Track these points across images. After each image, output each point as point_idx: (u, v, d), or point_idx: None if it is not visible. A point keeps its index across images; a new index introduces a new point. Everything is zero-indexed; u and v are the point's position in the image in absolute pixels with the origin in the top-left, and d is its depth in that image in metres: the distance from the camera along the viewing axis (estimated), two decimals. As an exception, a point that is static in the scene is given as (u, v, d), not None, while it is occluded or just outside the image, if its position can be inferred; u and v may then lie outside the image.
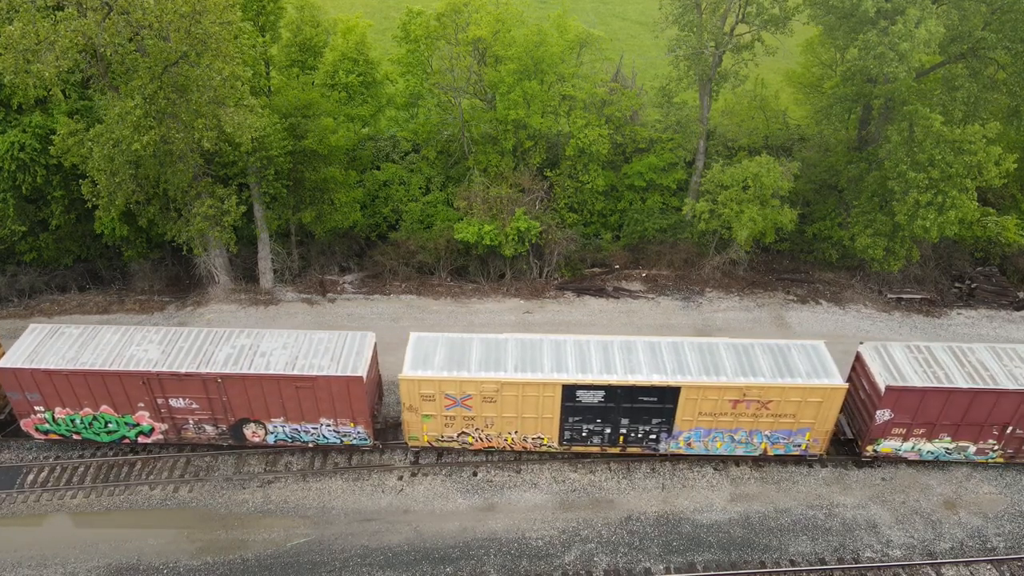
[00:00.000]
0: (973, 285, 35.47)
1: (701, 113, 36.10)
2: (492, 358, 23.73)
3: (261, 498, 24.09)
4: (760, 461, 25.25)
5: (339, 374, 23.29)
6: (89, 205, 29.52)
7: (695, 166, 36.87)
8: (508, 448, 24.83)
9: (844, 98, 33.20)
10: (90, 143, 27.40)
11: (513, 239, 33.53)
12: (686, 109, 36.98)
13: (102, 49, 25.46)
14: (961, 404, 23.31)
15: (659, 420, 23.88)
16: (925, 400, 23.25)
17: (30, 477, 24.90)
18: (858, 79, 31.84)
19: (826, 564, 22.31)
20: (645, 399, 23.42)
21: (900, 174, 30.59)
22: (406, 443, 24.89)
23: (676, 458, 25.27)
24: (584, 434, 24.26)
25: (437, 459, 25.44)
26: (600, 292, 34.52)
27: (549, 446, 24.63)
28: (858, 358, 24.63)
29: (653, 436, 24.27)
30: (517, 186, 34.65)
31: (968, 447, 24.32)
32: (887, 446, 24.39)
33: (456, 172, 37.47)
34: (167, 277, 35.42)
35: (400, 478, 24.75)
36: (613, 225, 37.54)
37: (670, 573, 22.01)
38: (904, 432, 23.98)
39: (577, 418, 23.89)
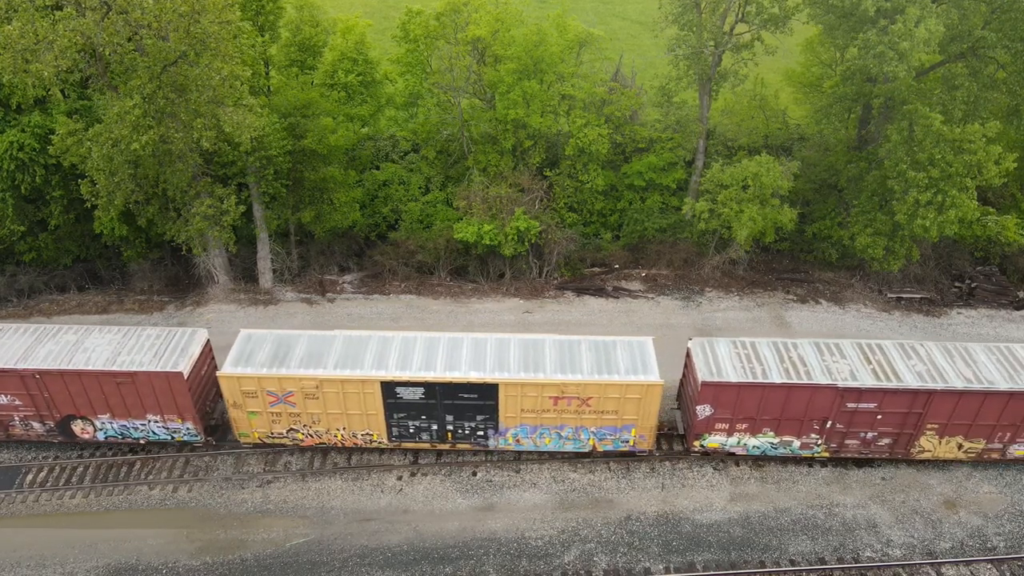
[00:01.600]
0: (973, 284, 35.45)
1: (701, 112, 36.08)
2: (315, 355, 23.80)
3: (260, 498, 24.07)
4: (760, 461, 25.23)
5: (159, 370, 23.34)
6: (88, 205, 29.51)
7: (695, 166, 36.85)
8: (340, 444, 24.91)
9: (844, 97, 33.18)
10: (89, 143, 27.39)
11: (513, 239, 33.51)
12: (686, 108, 36.97)
13: (101, 49, 25.46)
14: (777, 399, 23.32)
15: (483, 417, 23.98)
16: (742, 395, 23.29)
17: (29, 477, 24.89)
18: (858, 78, 31.81)
19: (826, 564, 22.29)
20: (465, 396, 23.52)
21: (900, 173, 30.57)
22: (237, 440, 25.04)
23: (676, 458, 25.26)
24: (411, 430, 24.37)
25: (437, 459, 25.43)
26: (600, 292, 34.49)
27: (379, 442, 24.78)
28: (687, 354, 24.71)
29: (480, 432, 24.40)
30: (517, 186, 34.63)
31: (792, 441, 24.34)
32: (713, 441, 24.44)
33: (456, 172, 37.45)
34: (166, 277, 35.39)
35: (399, 478, 24.73)
36: (613, 225, 37.51)
37: (670, 573, 21.99)
38: (727, 427, 24.04)
39: (402, 415, 23.99)
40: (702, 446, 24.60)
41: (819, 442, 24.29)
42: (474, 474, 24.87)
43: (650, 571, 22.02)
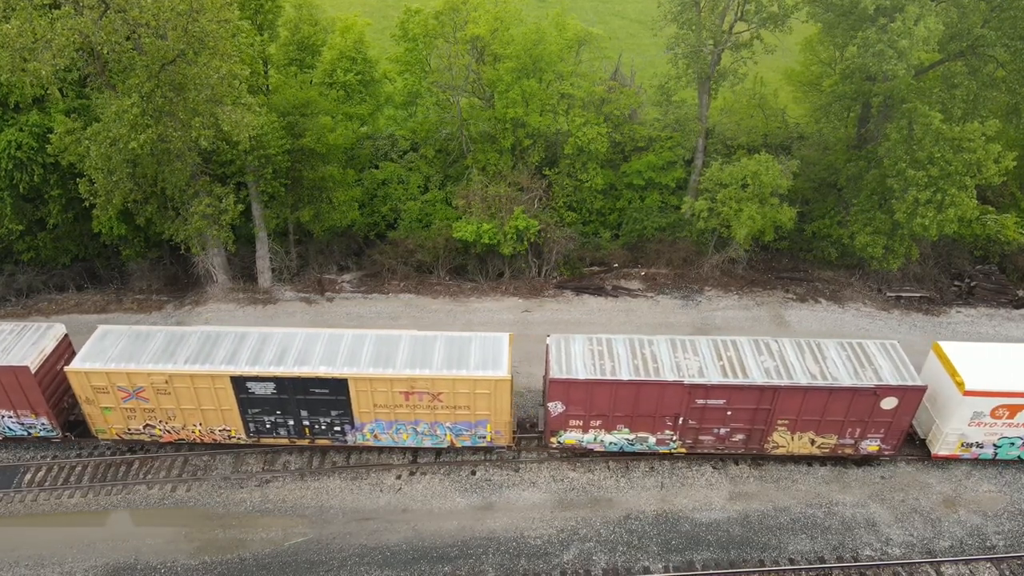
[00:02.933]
0: (972, 283, 35.43)
1: (700, 111, 36.04)
2: (169, 351, 23.81)
3: (259, 497, 24.04)
4: (759, 459, 25.21)
5: (4, 364, 23.35)
6: (87, 204, 29.46)
7: (694, 164, 36.82)
8: (199, 440, 24.91)
9: (843, 96, 33.15)
10: (87, 142, 27.34)
11: (512, 238, 33.48)
12: (685, 107, 36.93)
13: (99, 47, 25.40)
14: (628, 396, 23.37)
15: (338, 412, 24.02)
16: (593, 392, 23.33)
17: (28, 476, 24.86)
18: (857, 77, 31.78)
19: (825, 563, 22.27)
20: (317, 391, 23.55)
21: (899, 172, 30.54)
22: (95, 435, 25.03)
23: (675, 457, 25.22)
24: (268, 426, 24.38)
25: (435, 458, 25.40)
26: (599, 291, 34.46)
27: (238, 438, 24.78)
28: (546, 350, 24.74)
29: (337, 428, 24.43)
30: (516, 185, 34.60)
31: (648, 438, 24.39)
32: (570, 437, 24.49)
33: (455, 171, 37.41)
34: (165, 276, 35.35)
35: (398, 477, 24.71)
36: (612, 224, 37.48)
37: (669, 572, 21.96)
38: (582, 423, 24.09)
39: (256, 410, 24.01)
40: (559, 443, 24.66)
41: (674, 438, 24.38)
42: (473, 473, 24.84)
43: (649, 570, 22.00)
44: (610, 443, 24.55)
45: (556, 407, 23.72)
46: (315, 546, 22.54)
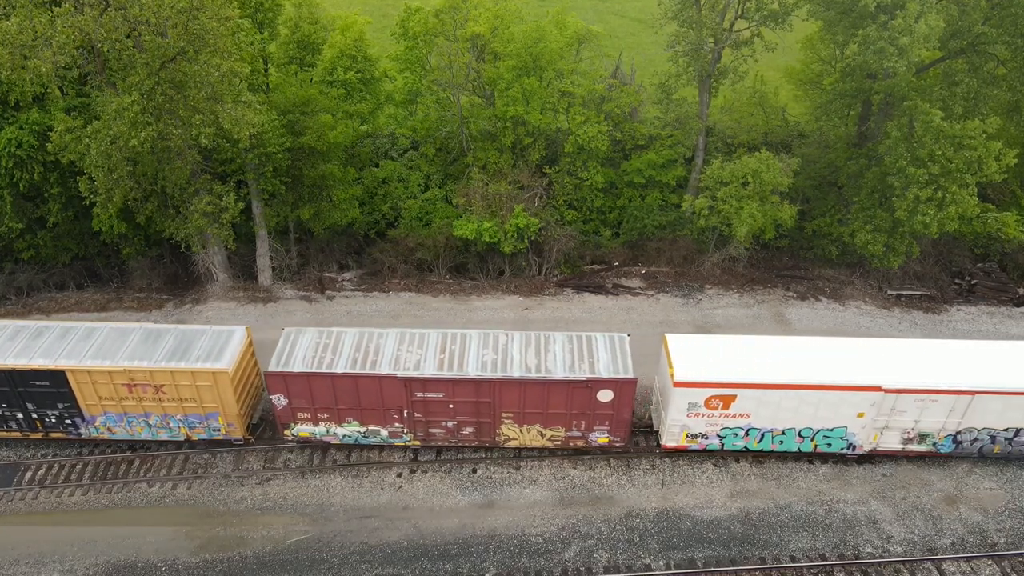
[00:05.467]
0: (973, 281, 35.41)
1: (700, 109, 36.01)
2: None
3: (260, 495, 24.03)
4: (760, 457, 25.19)
5: None
6: (87, 202, 29.45)
7: (694, 163, 36.79)
8: None
9: (844, 94, 33.12)
10: (87, 140, 27.30)
11: (512, 236, 33.46)
12: (685, 106, 36.89)
13: (99, 45, 25.40)
14: (348, 388, 23.41)
15: (65, 405, 24.02)
16: (312, 385, 23.34)
17: (28, 475, 24.84)
18: (858, 75, 31.75)
19: (827, 560, 22.26)
20: (38, 383, 23.55)
21: (900, 170, 30.52)
22: None
23: (676, 455, 25.18)
24: None
25: (436, 456, 25.38)
26: (599, 289, 34.44)
27: None
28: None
29: (68, 421, 24.44)
30: (516, 183, 34.57)
31: (380, 431, 24.48)
32: (303, 430, 24.54)
33: (455, 169, 37.39)
34: (165, 275, 35.30)
35: (399, 475, 24.69)
36: (612, 222, 37.47)
37: (670, 569, 21.94)
38: (310, 416, 24.11)
39: None
40: (294, 435, 24.71)
41: (405, 431, 24.45)
42: (474, 471, 24.83)
43: (650, 567, 21.99)
44: (343, 436, 24.67)
45: (279, 400, 23.78)
46: (316, 544, 22.52)
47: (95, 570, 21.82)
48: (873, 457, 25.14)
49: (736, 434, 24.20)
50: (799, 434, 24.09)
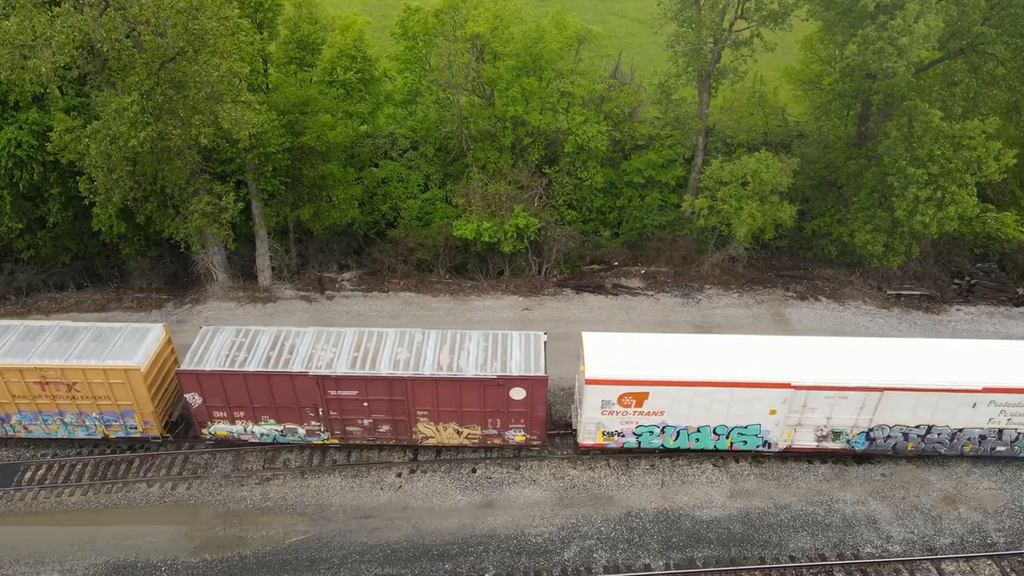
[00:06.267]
0: (973, 281, 35.43)
1: (700, 109, 36.02)
2: None
3: (259, 495, 24.03)
4: (760, 457, 25.20)
5: None
6: (87, 202, 29.43)
7: (694, 163, 36.80)
8: None
9: (843, 94, 33.13)
10: (87, 140, 27.29)
11: (512, 236, 33.46)
12: (685, 106, 36.91)
13: (99, 45, 25.37)
14: (261, 387, 23.41)
15: None
16: (225, 383, 23.35)
17: (27, 475, 24.83)
18: (857, 75, 31.76)
19: (826, 560, 22.27)
20: None
21: (899, 170, 30.53)
22: None
23: (676, 455, 25.19)
24: None
25: (436, 456, 25.39)
26: (599, 289, 34.45)
27: None
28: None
29: None
30: (516, 183, 34.57)
31: (297, 429, 24.49)
32: (221, 428, 24.53)
33: (455, 169, 37.39)
34: (165, 275, 35.29)
35: (399, 475, 24.69)
36: (612, 222, 37.47)
37: (670, 569, 21.95)
38: (226, 415, 24.14)
39: None
40: (211, 434, 24.71)
41: (322, 430, 24.46)
42: (474, 471, 24.83)
43: (650, 567, 21.99)
44: (261, 434, 24.68)
45: (193, 399, 23.82)
46: (316, 544, 22.53)
47: (95, 570, 21.82)
48: (873, 457, 25.15)
49: (652, 432, 24.21)
50: (714, 431, 24.13)
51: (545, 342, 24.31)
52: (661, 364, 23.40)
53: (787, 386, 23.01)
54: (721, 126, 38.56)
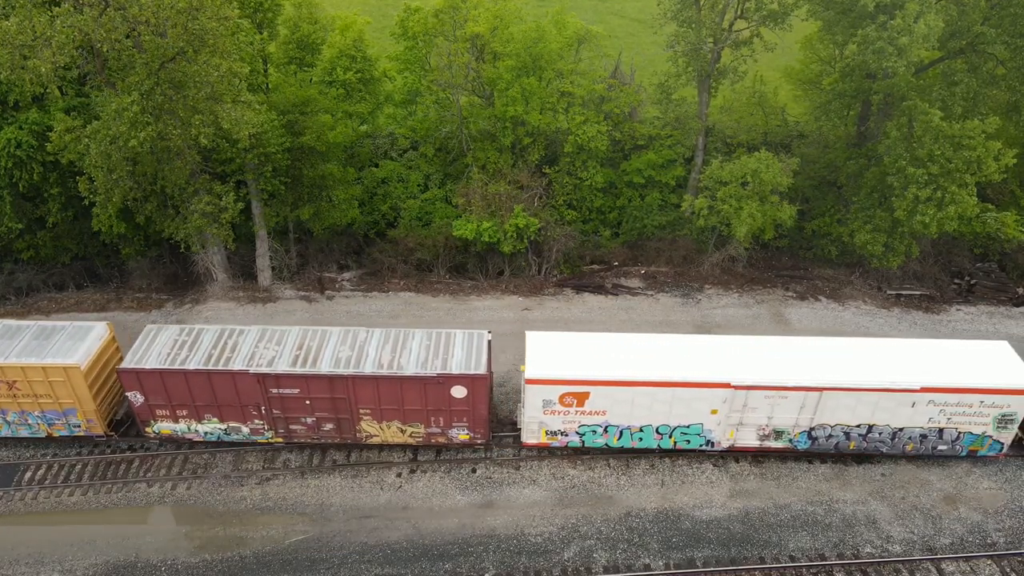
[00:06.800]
0: (973, 281, 35.43)
1: (700, 109, 36.02)
2: None
3: (259, 495, 24.03)
4: (760, 457, 25.20)
5: None
6: (86, 202, 29.42)
7: (694, 163, 36.80)
8: None
9: (843, 94, 33.15)
10: (87, 140, 27.29)
11: (512, 236, 33.46)
12: (685, 105, 36.91)
13: (99, 45, 25.35)
14: (203, 385, 23.41)
15: None
16: (165, 381, 23.35)
17: (27, 475, 24.83)
18: (857, 75, 31.77)
19: (826, 560, 22.27)
20: None
21: (899, 170, 30.54)
22: None
23: (676, 454, 25.20)
24: None
25: (436, 456, 25.38)
26: (599, 289, 34.45)
27: None
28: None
29: None
30: (516, 183, 34.57)
31: (241, 427, 24.47)
32: (165, 427, 24.55)
33: (455, 169, 37.39)
34: (165, 275, 35.30)
35: (399, 475, 24.69)
36: (612, 222, 37.47)
37: (669, 569, 21.95)
38: (169, 413, 24.13)
39: None
40: (156, 432, 24.70)
41: (266, 428, 24.46)
42: (473, 471, 24.83)
43: (650, 567, 21.99)
44: (205, 433, 24.69)
45: (135, 397, 23.84)
46: (316, 544, 22.53)
47: (95, 570, 21.82)
48: (872, 457, 25.15)
49: (595, 431, 24.26)
50: (657, 431, 24.18)
51: (489, 341, 24.38)
52: (602, 364, 23.42)
53: (727, 386, 23.06)
54: (721, 126, 38.57)
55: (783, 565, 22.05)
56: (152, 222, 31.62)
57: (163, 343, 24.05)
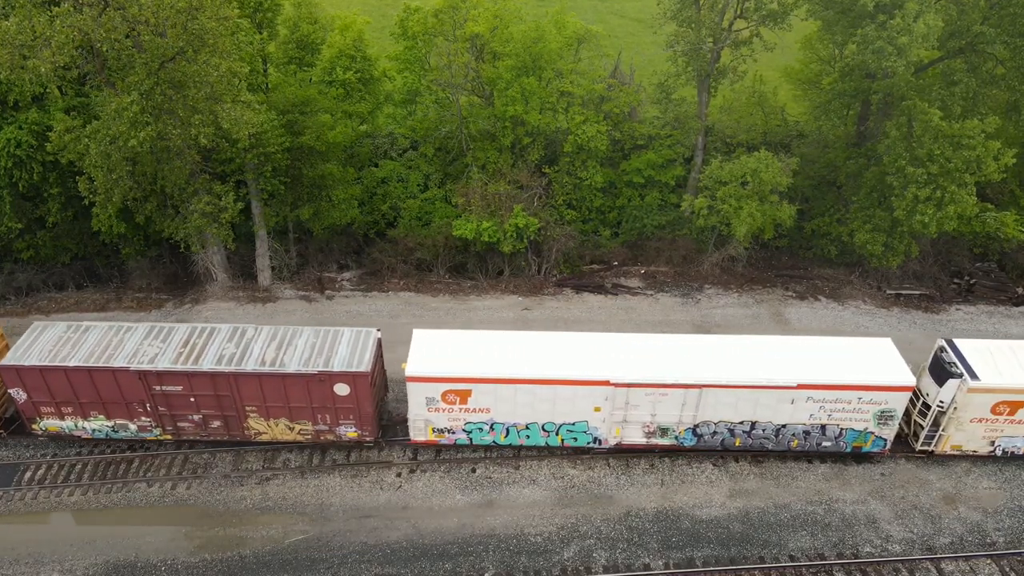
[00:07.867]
0: (972, 281, 35.44)
1: (699, 109, 36.04)
2: None
3: (259, 495, 24.03)
4: (759, 457, 25.20)
5: None
6: (86, 202, 29.41)
7: (694, 162, 36.81)
8: None
9: (843, 94, 33.16)
10: (87, 140, 27.29)
11: (511, 236, 33.46)
12: (684, 105, 36.93)
13: (99, 45, 25.36)
14: (85, 382, 23.43)
15: None
16: (47, 378, 23.32)
17: (27, 474, 24.82)
18: (857, 74, 31.78)
19: (826, 559, 22.28)
20: None
21: (899, 169, 30.55)
22: None
23: (675, 454, 25.20)
24: None
25: (436, 455, 25.39)
26: (599, 289, 34.45)
27: None
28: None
29: None
30: (515, 183, 34.58)
31: (128, 424, 24.45)
32: (52, 424, 24.56)
33: (454, 169, 37.39)
34: (165, 275, 35.30)
35: (399, 475, 24.70)
36: (612, 222, 37.48)
37: (669, 569, 21.96)
38: (54, 410, 24.10)
39: None
40: (43, 430, 24.71)
41: (154, 425, 24.44)
42: (473, 471, 24.83)
43: (649, 567, 22.00)
44: (93, 430, 24.68)
45: (18, 394, 23.83)
46: (315, 544, 22.53)
47: (94, 570, 21.82)
48: (872, 456, 25.16)
49: (481, 429, 24.32)
50: (543, 428, 24.25)
51: (379, 339, 24.42)
52: (483, 361, 23.39)
53: (606, 383, 23.08)
54: (721, 126, 38.58)
55: (783, 565, 22.06)
56: (152, 222, 31.63)
57: (47, 340, 24.08)
